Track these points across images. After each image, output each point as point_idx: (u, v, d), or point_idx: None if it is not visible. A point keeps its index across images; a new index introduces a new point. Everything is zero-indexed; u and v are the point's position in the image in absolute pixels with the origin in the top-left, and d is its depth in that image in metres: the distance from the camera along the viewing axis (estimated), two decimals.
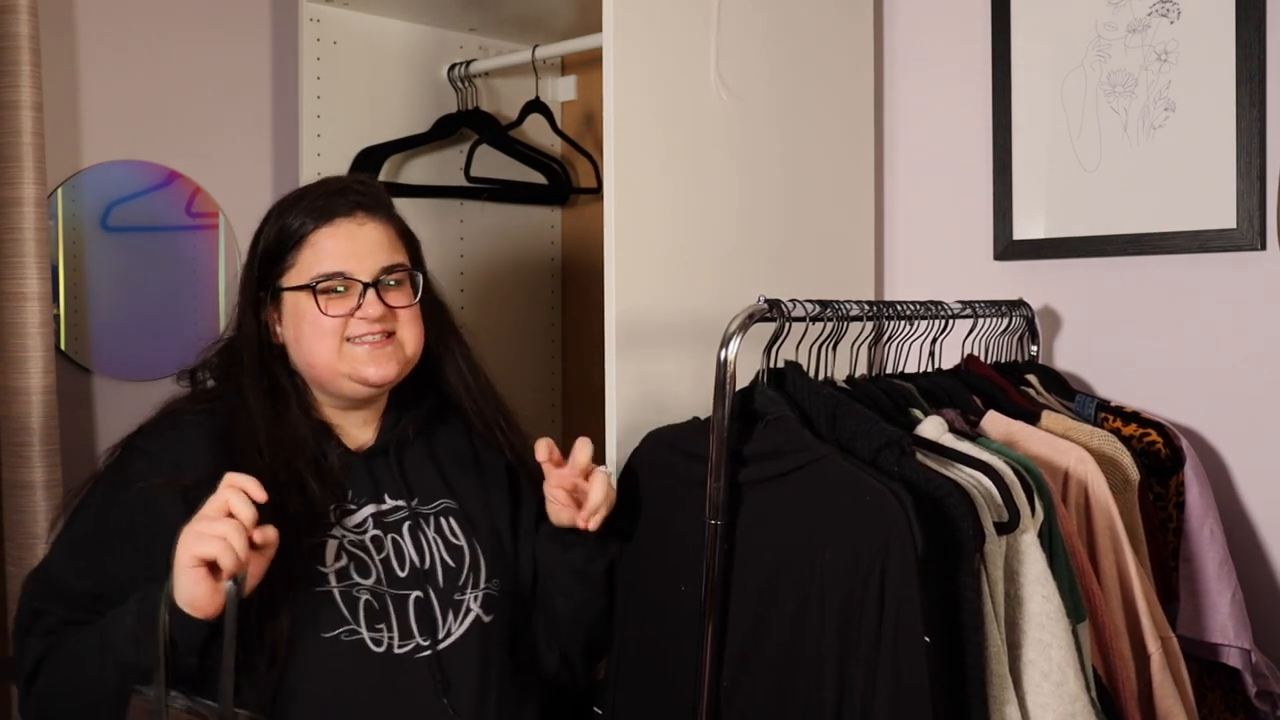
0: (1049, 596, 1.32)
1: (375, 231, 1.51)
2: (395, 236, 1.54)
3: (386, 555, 1.48)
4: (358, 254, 1.48)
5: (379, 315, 1.47)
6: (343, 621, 1.42)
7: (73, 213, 2.14)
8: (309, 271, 1.47)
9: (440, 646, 1.46)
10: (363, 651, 1.42)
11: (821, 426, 1.44)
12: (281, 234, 1.50)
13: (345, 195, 1.51)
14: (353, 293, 1.47)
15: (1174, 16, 1.93)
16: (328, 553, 1.44)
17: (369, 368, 1.48)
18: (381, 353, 1.48)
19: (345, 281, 1.47)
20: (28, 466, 1.92)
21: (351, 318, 1.47)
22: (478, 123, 2.45)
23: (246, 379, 1.50)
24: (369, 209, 1.51)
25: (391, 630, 1.44)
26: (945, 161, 2.24)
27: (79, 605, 1.40)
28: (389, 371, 1.49)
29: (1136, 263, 1.99)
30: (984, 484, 1.36)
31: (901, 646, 1.24)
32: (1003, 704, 1.27)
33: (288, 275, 1.49)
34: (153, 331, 2.23)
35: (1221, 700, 1.74)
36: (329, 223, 1.48)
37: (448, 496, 1.56)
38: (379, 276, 1.49)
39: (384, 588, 1.45)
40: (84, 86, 2.16)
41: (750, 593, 1.40)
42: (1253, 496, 1.89)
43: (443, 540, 1.52)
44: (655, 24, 1.79)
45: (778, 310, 1.47)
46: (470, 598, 1.50)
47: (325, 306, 1.47)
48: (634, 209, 1.74)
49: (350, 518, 1.48)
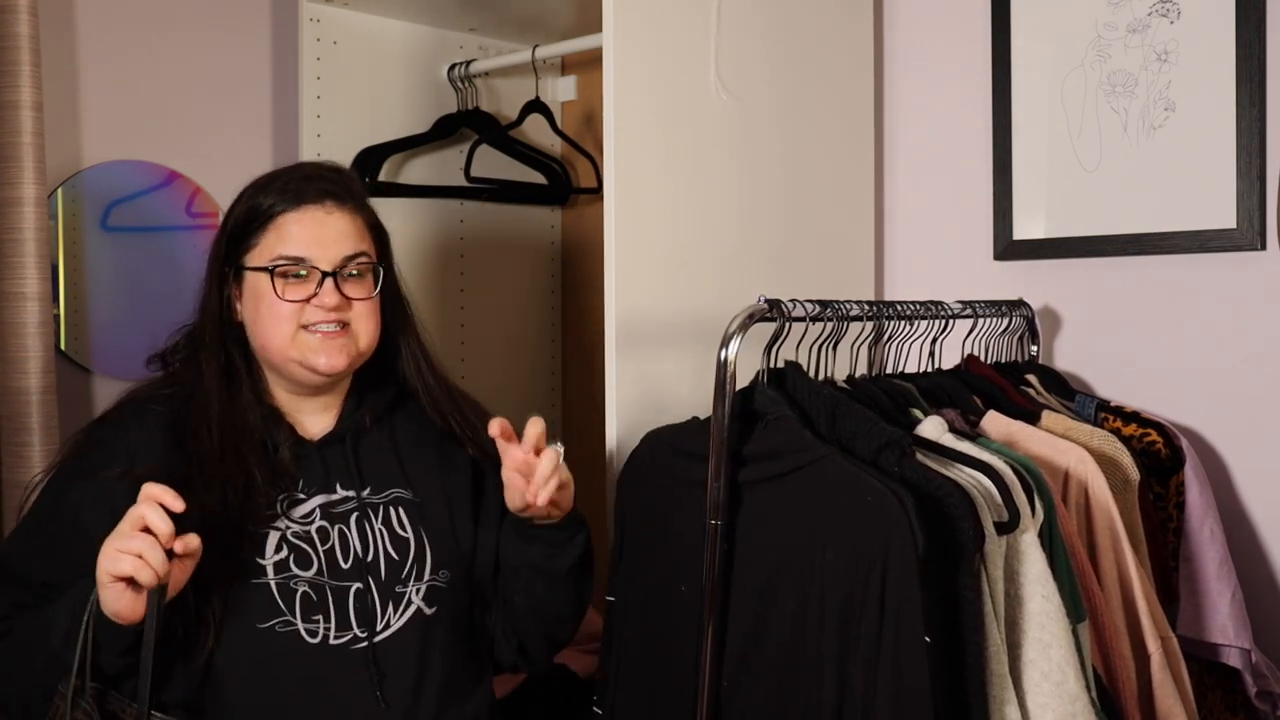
0: (1049, 596, 1.32)
1: (341, 221, 1.50)
2: (362, 228, 1.54)
3: (331, 546, 1.48)
4: (321, 241, 1.48)
5: (335, 304, 1.47)
6: (277, 613, 1.42)
7: (73, 213, 2.14)
8: (270, 253, 1.48)
9: (377, 639, 1.46)
10: (297, 642, 1.42)
11: (822, 426, 1.44)
12: (250, 213, 1.50)
13: (316, 182, 1.51)
14: (311, 279, 1.47)
15: (1174, 16, 1.93)
16: (268, 544, 1.44)
17: (320, 356, 1.47)
18: (333, 343, 1.48)
19: (305, 267, 1.47)
20: (28, 466, 1.92)
21: (308, 304, 1.47)
22: (478, 123, 2.45)
23: (204, 356, 1.51)
24: (338, 198, 1.51)
25: (329, 621, 1.44)
26: (945, 161, 2.24)
27: (31, 592, 1.43)
28: (338, 362, 1.48)
29: (1136, 263, 1.99)
30: (984, 484, 1.36)
31: (902, 647, 1.24)
32: (1003, 704, 1.27)
33: (251, 254, 1.50)
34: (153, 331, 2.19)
35: (1221, 700, 1.74)
36: (296, 207, 1.49)
37: (401, 486, 1.56)
38: (339, 266, 1.49)
39: (324, 579, 1.45)
40: (84, 86, 2.16)
41: (750, 593, 1.40)
42: (1253, 496, 1.89)
43: (388, 531, 1.52)
44: (655, 24, 1.79)
45: (778, 310, 1.46)
46: (412, 590, 1.50)
47: (282, 290, 1.47)
48: (634, 209, 1.74)
49: (297, 508, 1.48)
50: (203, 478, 1.42)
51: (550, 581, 1.55)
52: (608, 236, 1.72)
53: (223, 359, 1.51)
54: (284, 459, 1.50)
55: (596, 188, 2.53)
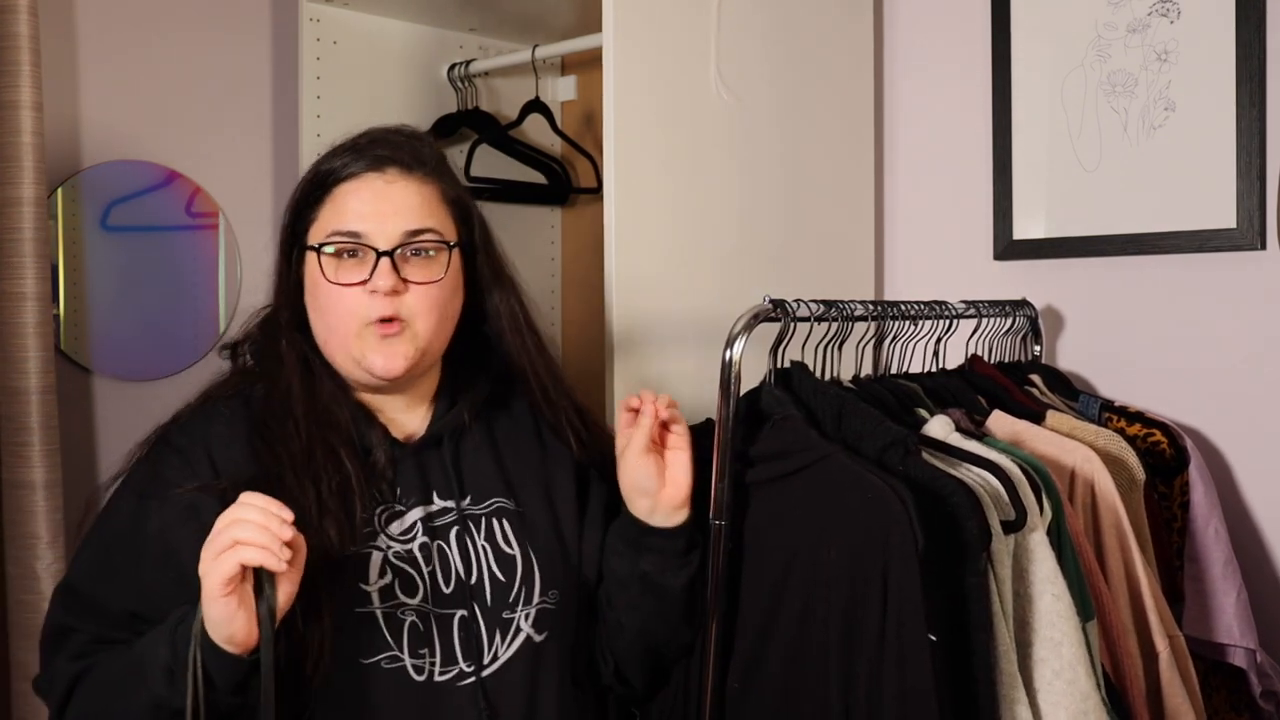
0: (1059, 595, 1.32)
1: (405, 191, 1.31)
2: (434, 200, 1.34)
3: (434, 568, 1.30)
4: (379, 214, 1.29)
5: (390, 288, 1.27)
6: (385, 647, 1.26)
7: (72, 213, 2.13)
8: (325, 229, 1.30)
9: (485, 673, 1.30)
10: (404, 680, 1.26)
11: (828, 426, 1.44)
12: (312, 181, 1.33)
13: (377, 147, 1.33)
14: (368, 260, 1.28)
15: (1174, 16, 1.94)
16: (371, 566, 1.27)
17: (377, 358, 1.28)
18: (389, 343, 1.28)
19: (358, 245, 1.28)
20: (28, 466, 1.91)
21: (363, 289, 1.28)
22: (478, 123, 2.45)
23: (283, 345, 1.33)
24: (404, 165, 1.32)
25: (434, 655, 1.27)
26: (945, 161, 2.24)
27: (113, 624, 1.25)
28: (395, 366, 1.29)
29: (1136, 262, 1.99)
30: (991, 483, 1.36)
31: (905, 646, 1.23)
32: (1013, 703, 1.26)
33: (311, 230, 1.32)
34: (153, 331, 2.22)
35: (1226, 700, 1.74)
36: (356, 176, 1.31)
37: (504, 495, 1.38)
38: (399, 244, 1.29)
39: (429, 607, 1.29)
40: (84, 86, 2.15)
41: (761, 593, 1.40)
42: (1257, 496, 1.89)
43: (492, 548, 1.34)
44: (655, 24, 1.79)
45: (782, 310, 1.46)
46: (521, 615, 1.33)
47: (333, 272, 1.28)
48: (634, 209, 1.74)
49: (396, 522, 1.31)
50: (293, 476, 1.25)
51: (662, 598, 1.37)
52: (608, 236, 1.72)
53: (302, 348, 1.34)
54: (379, 462, 1.31)
55: (596, 188, 2.53)
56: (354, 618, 1.25)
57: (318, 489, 1.25)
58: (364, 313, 1.29)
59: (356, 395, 1.36)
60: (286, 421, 1.29)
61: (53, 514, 1.91)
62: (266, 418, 1.30)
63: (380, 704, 1.25)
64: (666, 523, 1.37)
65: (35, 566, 1.89)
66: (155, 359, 2.20)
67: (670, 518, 1.37)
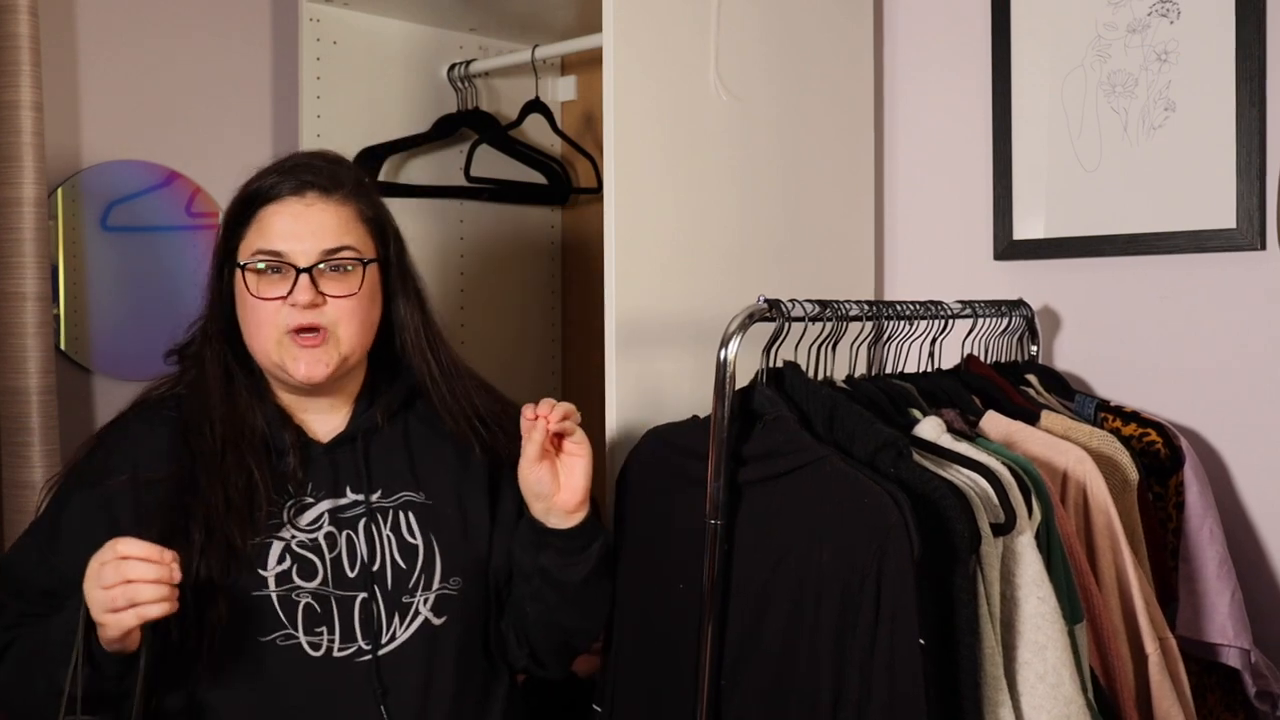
0: (1045, 598, 1.32)
1: (323, 213, 1.43)
2: (351, 220, 1.46)
3: (338, 554, 1.43)
4: (298, 234, 1.41)
5: (308, 302, 1.39)
6: (279, 626, 1.38)
7: (72, 213, 2.14)
8: (251, 248, 1.42)
9: (381, 651, 1.42)
10: (299, 655, 1.39)
11: (820, 427, 1.44)
12: (239, 204, 1.45)
13: (299, 173, 1.44)
14: (288, 277, 1.40)
15: (1174, 16, 1.93)
16: (270, 555, 1.40)
17: (299, 365, 1.41)
18: (313, 351, 1.41)
19: (280, 263, 1.40)
20: (28, 466, 1.92)
21: (284, 303, 1.40)
22: (478, 123, 2.45)
23: (207, 354, 1.46)
24: (323, 189, 1.44)
25: (333, 633, 1.40)
26: (945, 161, 2.24)
27: (34, 600, 1.40)
28: (316, 373, 1.41)
29: (1136, 263, 1.99)
30: (981, 485, 1.35)
31: (896, 650, 1.23)
32: (997, 705, 1.26)
33: (239, 249, 1.44)
34: (153, 331, 2.20)
35: (1221, 700, 1.74)
36: (277, 199, 1.43)
37: (412, 489, 1.50)
38: (316, 261, 1.41)
39: (329, 589, 1.41)
40: (84, 86, 2.16)
41: (748, 593, 1.40)
42: (1252, 496, 1.89)
43: (397, 538, 1.46)
44: (655, 24, 1.79)
45: (777, 310, 1.46)
46: (420, 600, 1.45)
47: (256, 287, 1.40)
48: (634, 209, 1.74)
49: (304, 515, 1.43)
50: (205, 477, 1.39)
51: (562, 591, 1.48)
52: (608, 236, 1.72)
53: (226, 357, 1.46)
54: (289, 464, 1.44)
55: (596, 188, 2.53)
56: (249, 600, 1.38)
57: (225, 489, 1.38)
58: (282, 322, 1.41)
59: (278, 398, 1.49)
60: (204, 426, 1.42)
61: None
62: (188, 422, 1.44)
63: (275, 677, 1.38)
64: (561, 524, 1.46)
65: None
66: (155, 359, 2.18)
67: (565, 520, 1.46)
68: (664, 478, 1.55)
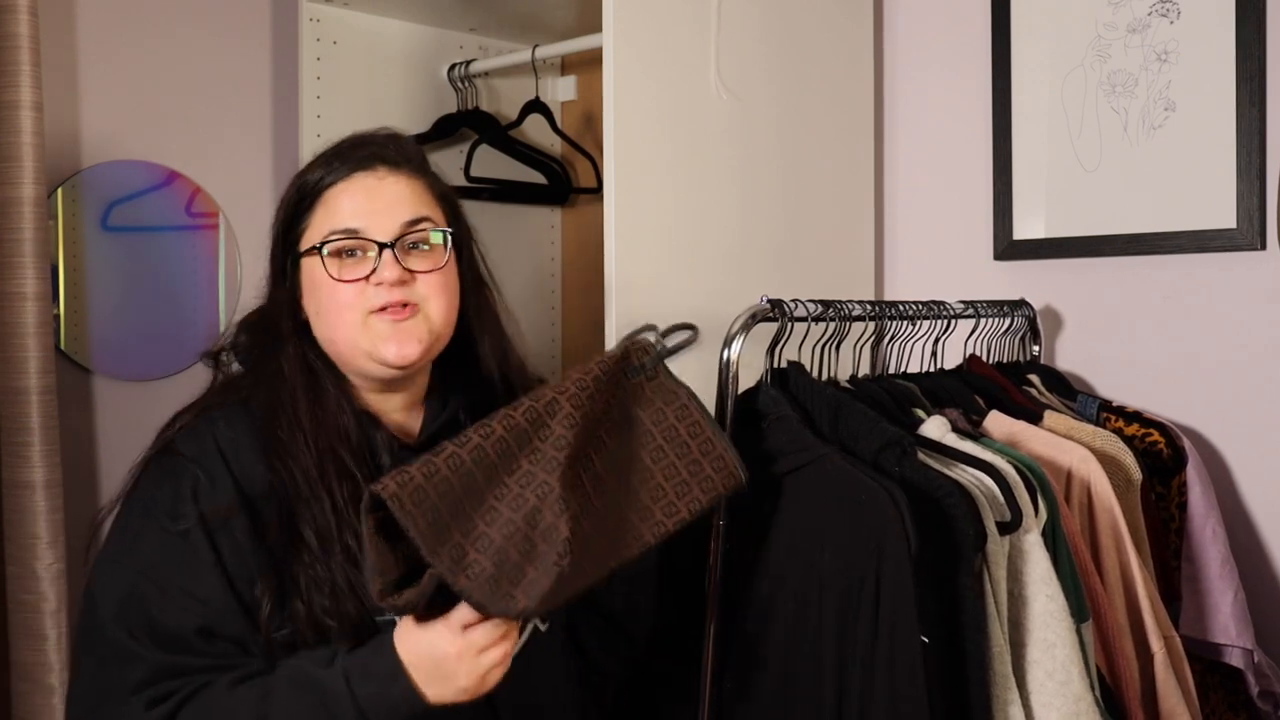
0: (1053, 596, 1.32)
1: (397, 186, 1.33)
2: (424, 192, 1.37)
3: None
4: (374, 210, 1.30)
5: (396, 279, 1.28)
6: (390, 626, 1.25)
7: (73, 213, 2.13)
8: (321, 232, 1.31)
9: None
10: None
11: (824, 427, 1.44)
12: (299, 192, 1.35)
13: (364, 147, 1.35)
14: (369, 256, 1.30)
15: (1174, 16, 1.93)
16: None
17: (389, 345, 1.29)
18: (402, 327, 1.29)
19: (359, 242, 1.30)
20: (28, 466, 1.91)
21: (368, 283, 1.29)
22: (478, 123, 2.45)
23: (283, 356, 1.33)
24: (391, 162, 1.35)
25: None
26: (945, 161, 2.24)
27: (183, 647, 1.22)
28: (410, 351, 1.29)
29: (1136, 263, 1.99)
30: (986, 484, 1.36)
31: (897, 647, 1.24)
32: (1006, 704, 1.27)
33: (304, 238, 1.34)
34: (153, 331, 2.22)
35: (1224, 700, 1.74)
36: (345, 178, 1.33)
37: None
38: (399, 235, 1.30)
39: None
40: (84, 86, 2.16)
41: (754, 593, 1.40)
42: (1254, 496, 1.89)
43: None
44: (655, 24, 1.79)
45: (780, 310, 1.46)
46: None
47: (336, 271, 1.29)
48: (634, 209, 1.74)
49: None
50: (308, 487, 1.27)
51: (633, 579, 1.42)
52: (608, 236, 1.72)
53: (307, 356, 1.34)
54: (386, 466, 1.32)
55: (596, 188, 2.53)
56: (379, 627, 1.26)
57: (332, 500, 1.26)
58: (367, 304, 1.29)
59: (361, 400, 1.37)
60: (295, 434, 1.29)
61: (53, 514, 1.91)
62: (275, 430, 1.30)
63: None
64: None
65: (35, 566, 1.89)
66: (155, 359, 2.20)
67: None
68: None
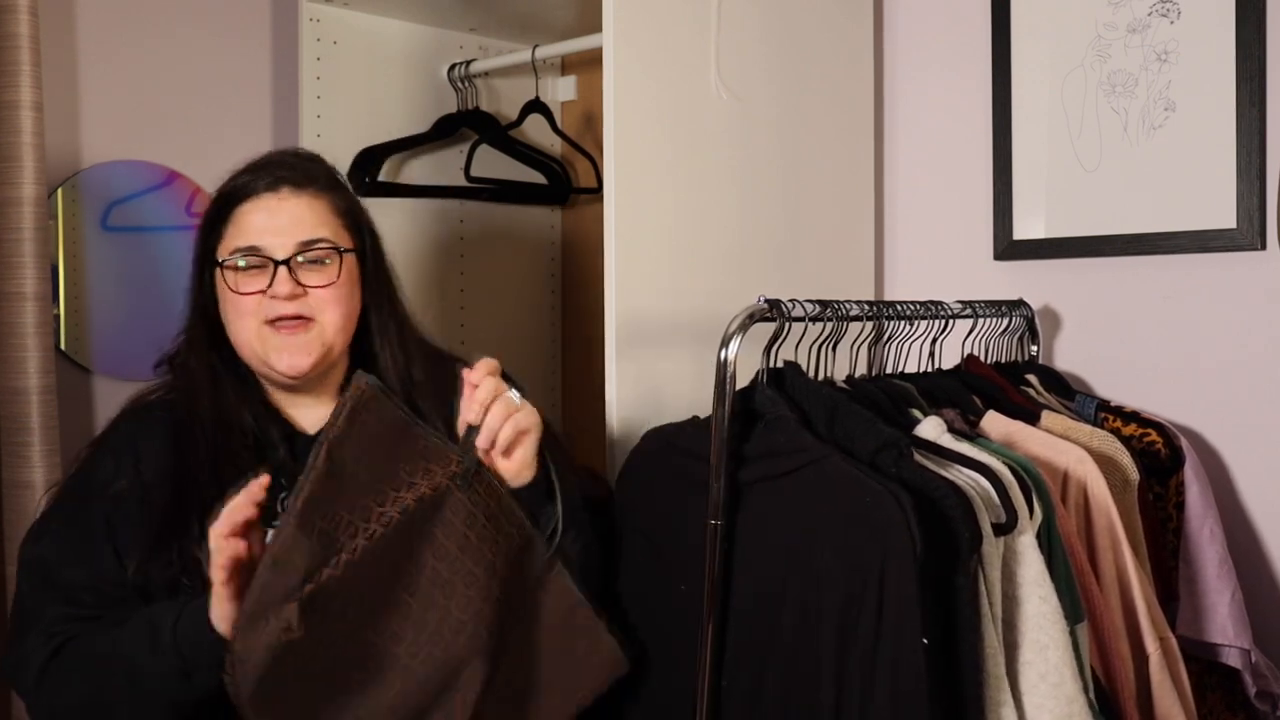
0: (1046, 598, 1.32)
1: (298, 207, 1.46)
2: (325, 213, 1.49)
3: None
4: (274, 228, 1.44)
5: (288, 294, 1.42)
6: None
7: (73, 213, 2.14)
8: (229, 247, 1.45)
9: None
10: None
11: (820, 427, 1.44)
12: (215, 206, 1.48)
13: (271, 170, 1.48)
14: (267, 270, 1.43)
15: (1174, 16, 1.93)
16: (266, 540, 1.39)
17: (282, 356, 1.43)
18: (294, 340, 1.44)
19: (259, 257, 1.43)
20: (28, 466, 1.91)
21: (265, 296, 1.43)
22: (478, 123, 2.45)
23: (192, 357, 1.50)
24: (295, 184, 1.47)
25: None
26: (945, 161, 2.24)
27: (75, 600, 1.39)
28: (300, 362, 1.44)
29: (1136, 263, 1.99)
30: (982, 485, 1.35)
31: (900, 650, 1.23)
32: (999, 705, 1.26)
33: (218, 249, 1.47)
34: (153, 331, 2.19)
35: (1221, 700, 1.74)
36: (252, 196, 1.46)
37: None
38: (294, 253, 1.43)
39: None
40: (84, 86, 2.16)
41: (750, 593, 1.40)
42: (1252, 496, 1.89)
43: None
44: (655, 24, 1.79)
45: (777, 310, 1.46)
46: None
47: (235, 283, 1.43)
48: (634, 209, 1.74)
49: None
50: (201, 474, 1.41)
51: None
52: (608, 236, 1.72)
53: (211, 359, 1.49)
54: (279, 456, 1.47)
55: (596, 188, 2.53)
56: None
57: (221, 486, 1.35)
58: (263, 314, 1.43)
59: (267, 396, 1.52)
60: (194, 428, 1.45)
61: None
62: (180, 424, 1.46)
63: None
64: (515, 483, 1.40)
65: None
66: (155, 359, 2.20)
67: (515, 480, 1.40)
68: (664, 478, 1.55)
